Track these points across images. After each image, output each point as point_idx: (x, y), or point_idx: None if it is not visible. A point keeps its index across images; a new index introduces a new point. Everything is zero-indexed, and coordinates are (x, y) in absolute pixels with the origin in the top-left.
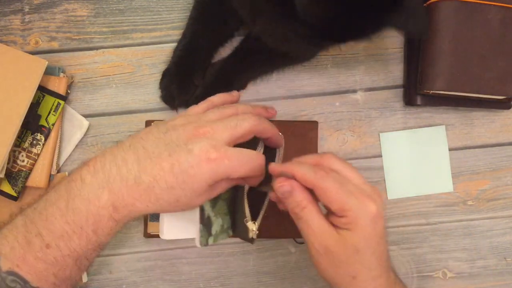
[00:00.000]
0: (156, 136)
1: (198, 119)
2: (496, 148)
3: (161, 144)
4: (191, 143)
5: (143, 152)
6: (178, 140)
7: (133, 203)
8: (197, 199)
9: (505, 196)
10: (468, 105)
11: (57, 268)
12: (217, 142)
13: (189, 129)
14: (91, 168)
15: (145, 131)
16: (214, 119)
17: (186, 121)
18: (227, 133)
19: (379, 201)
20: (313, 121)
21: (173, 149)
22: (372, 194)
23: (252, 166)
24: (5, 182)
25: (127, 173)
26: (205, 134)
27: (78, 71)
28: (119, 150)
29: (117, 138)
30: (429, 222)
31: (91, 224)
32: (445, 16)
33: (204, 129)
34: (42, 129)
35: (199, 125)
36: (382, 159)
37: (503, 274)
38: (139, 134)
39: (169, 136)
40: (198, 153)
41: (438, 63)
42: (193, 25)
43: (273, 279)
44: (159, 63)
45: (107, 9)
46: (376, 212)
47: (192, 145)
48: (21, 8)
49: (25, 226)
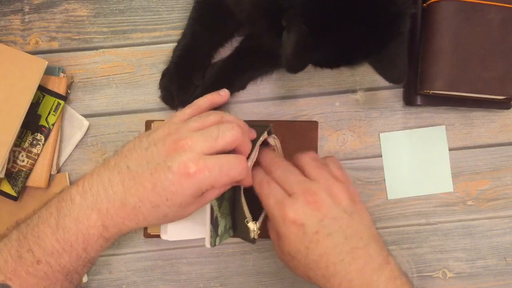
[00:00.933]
0: (138, 153)
1: (178, 130)
2: (496, 148)
3: (143, 162)
4: (170, 159)
5: (127, 172)
6: (159, 156)
7: (123, 222)
8: (185, 211)
9: (505, 196)
10: (468, 105)
11: (48, 283)
12: (196, 155)
13: (169, 143)
14: (80, 188)
15: (129, 147)
16: (195, 129)
17: (167, 132)
18: (207, 144)
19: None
20: (313, 121)
21: (154, 168)
22: (295, 203)
23: (235, 172)
24: (5, 182)
25: (113, 195)
26: (184, 147)
27: (78, 71)
28: (105, 169)
29: (117, 138)
30: (429, 222)
31: (81, 243)
32: (445, 16)
33: (183, 142)
34: (42, 129)
35: (179, 137)
36: (382, 159)
37: (503, 274)
38: (123, 151)
39: (150, 153)
40: (177, 169)
41: (438, 63)
42: (193, 25)
43: (273, 279)
44: (159, 63)
45: (107, 9)
46: (293, 219)
47: (171, 162)
48: (21, 8)
49: (18, 241)
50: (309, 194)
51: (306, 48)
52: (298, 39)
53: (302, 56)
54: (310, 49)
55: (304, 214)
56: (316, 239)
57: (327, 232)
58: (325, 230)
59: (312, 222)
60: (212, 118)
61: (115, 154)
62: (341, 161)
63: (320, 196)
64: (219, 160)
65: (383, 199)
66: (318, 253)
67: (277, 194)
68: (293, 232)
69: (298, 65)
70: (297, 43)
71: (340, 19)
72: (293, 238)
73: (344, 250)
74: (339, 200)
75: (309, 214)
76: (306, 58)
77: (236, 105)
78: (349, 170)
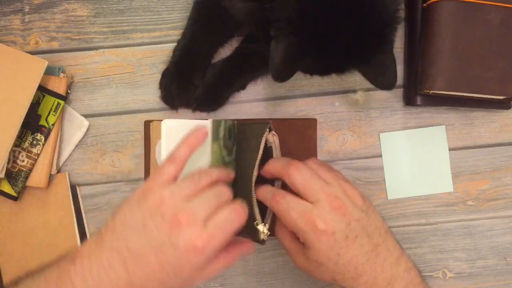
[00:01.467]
0: (135, 230)
1: (172, 199)
2: (496, 148)
3: (144, 241)
4: (174, 237)
5: (127, 253)
6: (160, 234)
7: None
8: (197, 278)
9: (505, 196)
10: (468, 105)
11: None
12: (199, 228)
13: (168, 218)
14: (79, 269)
15: (121, 221)
16: (190, 195)
17: (158, 201)
18: (207, 212)
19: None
20: (312, 118)
21: (159, 247)
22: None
23: (237, 225)
24: (5, 182)
25: (117, 279)
26: (185, 222)
27: (78, 71)
28: (101, 250)
29: (117, 138)
30: (429, 222)
31: None
32: (445, 16)
33: (184, 217)
34: (42, 129)
35: (177, 210)
36: (382, 159)
37: (503, 274)
38: (116, 226)
39: (149, 230)
40: (183, 247)
41: (438, 63)
42: (193, 25)
43: (273, 279)
44: (159, 63)
45: (107, 9)
46: (324, 230)
47: (176, 240)
48: (21, 8)
49: None
50: (333, 200)
51: (294, 57)
52: (285, 49)
53: (290, 65)
54: (297, 59)
55: (333, 222)
56: (346, 244)
57: (355, 235)
58: (352, 233)
59: (341, 228)
60: (204, 181)
61: (108, 231)
62: (341, 161)
63: (343, 200)
64: (219, 223)
65: (383, 199)
66: (348, 257)
67: (297, 206)
68: (324, 242)
69: (286, 74)
70: (285, 53)
71: (328, 29)
72: (324, 248)
73: (369, 249)
74: (355, 200)
75: (338, 221)
76: (294, 67)
77: (236, 105)
78: (349, 170)
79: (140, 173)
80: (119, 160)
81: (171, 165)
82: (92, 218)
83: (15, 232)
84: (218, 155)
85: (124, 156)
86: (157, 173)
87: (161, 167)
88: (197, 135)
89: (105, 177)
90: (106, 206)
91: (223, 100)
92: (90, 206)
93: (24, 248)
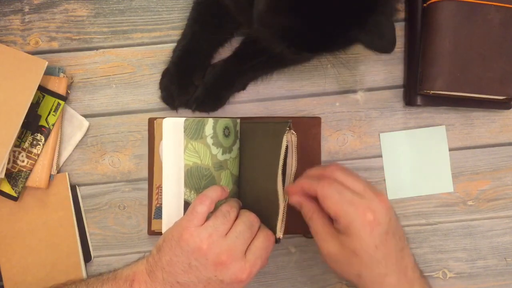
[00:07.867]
0: (182, 268)
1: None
2: (496, 148)
3: (193, 277)
4: (220, 274)
5: (179, 285)
6: (206, 272)
7: None
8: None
9: (505, 196)
10: (468, 105)
11: None
12: (241, 262)
13: (211, 259)
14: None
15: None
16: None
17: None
18: (245, 246)
19: (379, 209)
20: (316, 117)
21: (207, 281)
22: (371, 202)
23: (271, 248)
24: (5, 182)
25: None
26: (228, 261)
27: (78, 71)
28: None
29: (117, 138)
30: (429, 222)
31: None
32: (445, 16)
33: (226, 257)
34: (42, 129)
35: (219, 251)
36: (382, 159)
37: (503, 274)
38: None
39: (195, 269)
40: (229, 280)
41: (438, 63)
42: (193, 25)
43: (273, 279)
44: (159, 63)
45: (107, 9)
46: (373, 220)
47: (222, 275)
48: (21, 8)
49: None
50: (379, 194)
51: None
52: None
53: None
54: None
55: (380, 214)
56: (385, 239)
57: (392, 232)
58: (391, 230)
59: (386, 221)
60: (233, 214)
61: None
62: (341, 161)
63: (385, 196)
64: (257, 252)
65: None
66: (383, 252)
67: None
68: (368, 231)
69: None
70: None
71: None
72: (367, 237)
73: (398, 249)
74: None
75: (384, 214)
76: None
77: (236, 105)
78: None
79: (140, 173)
80: (119, 160)
81: (203, 206)
82: (92, 218)
83: (15, 232)
84: (203, 152)
85: (124, 156)
86: (190, 213)
87: (193, 207)
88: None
89: (105, 177)
90: (106, 206)
91: (223, 100)
92: (90, 206)
93: (24, 248)
